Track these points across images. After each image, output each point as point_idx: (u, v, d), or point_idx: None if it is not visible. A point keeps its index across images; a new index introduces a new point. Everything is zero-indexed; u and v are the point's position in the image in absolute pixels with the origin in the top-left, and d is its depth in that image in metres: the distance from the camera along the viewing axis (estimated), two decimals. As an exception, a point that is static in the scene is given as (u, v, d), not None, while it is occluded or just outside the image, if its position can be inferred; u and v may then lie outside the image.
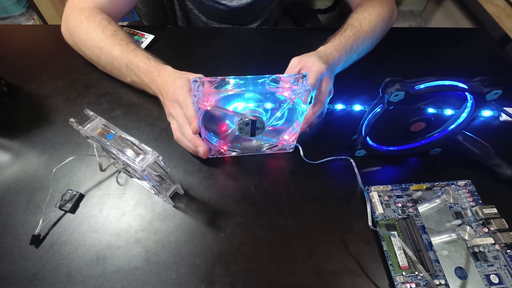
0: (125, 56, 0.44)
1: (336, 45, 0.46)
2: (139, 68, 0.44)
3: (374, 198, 0.38)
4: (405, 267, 0.33)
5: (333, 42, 0.47)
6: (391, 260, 0.34)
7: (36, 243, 0.35)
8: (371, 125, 0.37)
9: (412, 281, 0.32)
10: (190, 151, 0.41)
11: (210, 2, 0.62)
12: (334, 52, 0.45)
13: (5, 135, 0.44)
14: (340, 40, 0.47)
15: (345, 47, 0.47)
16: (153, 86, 0.43)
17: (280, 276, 0.33)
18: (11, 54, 0.55)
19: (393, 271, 0.33)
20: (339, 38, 0.47)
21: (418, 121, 0.37)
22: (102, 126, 0.33)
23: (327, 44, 0.46)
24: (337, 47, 0.46)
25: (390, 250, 0.34)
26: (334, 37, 0.48)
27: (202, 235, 0.36)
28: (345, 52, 0.47)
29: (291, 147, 0.42)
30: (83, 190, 0.39)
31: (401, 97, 0.32)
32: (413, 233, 0.35)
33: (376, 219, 0.36)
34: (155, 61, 0.44)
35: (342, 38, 0.47)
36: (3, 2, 1.23)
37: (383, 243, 0.35)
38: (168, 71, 0.42)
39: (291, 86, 0.32)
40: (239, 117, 0.34)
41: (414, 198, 0.38)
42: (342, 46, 0.46)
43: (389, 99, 0.32)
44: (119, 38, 0.46)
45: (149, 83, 0.44)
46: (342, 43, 0.47)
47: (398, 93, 0.32)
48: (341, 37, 0.47)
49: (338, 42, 0.46)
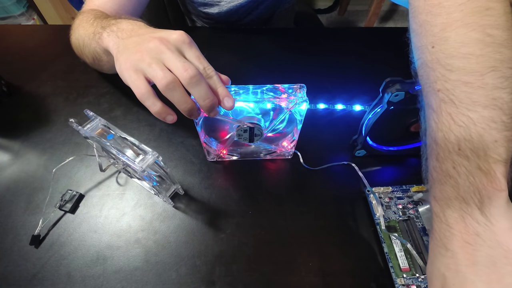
0: (92, 28, 0.38)
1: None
2: (101, 26, 0.36)
3: (374, 201, 0.38)
4: (406, 269, 0.33)
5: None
6: (392, 262, 0.33)
7: (36, 244, 0.35)
8: (371, 125, 0.37)
9: (413, 283, 0.32)
10: (182, 107, 0.29)
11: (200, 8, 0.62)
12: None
13: (5, 135, 0.44)
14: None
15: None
16: (109, 28, 0.34)
17: (280, 277, 0.33)
18: (11, 54, 0.55)
19: (394, 273, 0.33)
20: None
21: (418, 121, 0.37)
22: (102, 127, 0.33)
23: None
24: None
25: (391, 252, 0.34)
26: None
27: (202, 235, 0.36)
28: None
29: (290, 153, 0.42)
30: (83, 190, 0.39)
31: (401, 97, 0.32)
32: (414, 235, 0.35)
33: (377, 221, 0.36)
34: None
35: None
36: (3, 2, 1.23)
37: (384, 244, 0.35)
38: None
39: (289, 96, 0.32)
40: (237, 124, 0.34)
41: (415, 200, 0.38)
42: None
43: (389, 99, 0.32)
44: (96, 21, 0.39)
45: (106, 26, 0.35)
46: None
47: (398, 93, 0.31)
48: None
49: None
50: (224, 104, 0.29)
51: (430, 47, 0.27)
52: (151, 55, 0.28)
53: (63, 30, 0.48)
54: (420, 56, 0.28)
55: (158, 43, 0.28)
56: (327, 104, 0.48)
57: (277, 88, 0.32)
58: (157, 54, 0.28)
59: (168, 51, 0.28)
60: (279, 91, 0.32)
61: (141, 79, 0.28)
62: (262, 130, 0.35)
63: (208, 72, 0.29)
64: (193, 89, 0.28)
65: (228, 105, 0.29)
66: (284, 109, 0.33)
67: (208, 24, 0.68)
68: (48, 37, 0.59)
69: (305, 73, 0.53)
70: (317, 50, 0.58)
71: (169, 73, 0.27)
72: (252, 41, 0.59)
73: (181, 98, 0.28)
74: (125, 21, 0.34)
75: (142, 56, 0.28)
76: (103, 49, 0.36)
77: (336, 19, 1.76)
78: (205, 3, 0.61)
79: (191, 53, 0.29)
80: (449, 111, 0.25)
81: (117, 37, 0.33)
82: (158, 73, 0.27)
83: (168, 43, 0.28)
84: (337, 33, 0.63)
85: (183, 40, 0.29)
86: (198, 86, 0.28)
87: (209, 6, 0.61)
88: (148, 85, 0.28)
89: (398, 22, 1.74)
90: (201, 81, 0.28)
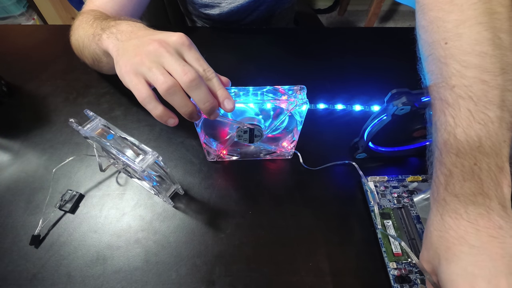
0: (92, 29, 0.38)
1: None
2: (100, 27, 0.36)
3: (369, 188, 0.38)
4: (398, 254, 0.34)
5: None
6: (385, 247, 0.34)
7: (36, 244, 0.35)
8: (375, 132, 0.37)
9: (405, 268, 0.33)
10: (183, 111, 0.29)
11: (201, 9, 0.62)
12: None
13: (5, 135, 0.44)
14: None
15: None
16: (108, 30, 0.34)
17: (280, 276, 0.33)
18: (11, 54, 0.55)
19: (386, 258, 0.34)
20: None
21: (423, 128, 0.36)
22: (102, 127, 0.33)
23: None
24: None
25: (384, 237, 0.35)
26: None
27: (202, 235, 0.36)
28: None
29: (290, 154, 0.42)
30: (83, 190, 0.39)
31: (407, 111, 0.32)
32: (408, 222, 0.36)
33: (371, 208, 0.37)
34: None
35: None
36: (3, 2, 1.23)
37: (378, 230, 0.35)
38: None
39: (289, 98, 0.32)
40: (237, 125, 0.34)
41: (410, 189, 0.39)
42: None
43: (394, 112, 0.32)
44: (95, 23, 0.39)
45: (106, 28, 0.35)
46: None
47: (404, 107, 0.31)
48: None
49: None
50: (224, 106, 0.29)
51: (443, 43, 0.27)
52: (151, 59, 0.28)
53: (63, 30, 0.48)
54: (432, 52, 0.29)
55: (157, 46, 0.28)
56: (327, 104, 0.48)
57: (277, 89, 0.32)
58: (156, 58, 0.28)
59: (167, 54, 0.28)
60: (279, 93, 0.32)
61: (142, 83, 0.28)
62: (262, 131, 0.35)
63: (208, 74, 0.29)
64: (193, 93, 0.28)
65: (228, 107, 0.29)
66: (285, 110, 0.33)
67: (208, 24, 0.68)
68: (48, 37, 0.59)
69: (305, 73, 0.53)
70: (317, 50, 0.58)
71: (169, 77, 0.27)
72: (252, 41, 0.59)
73: (182, 102, 0.28)
74: (124, 23, 0.34)
75: (142, 60, 0.28)
76: (102, 51, 0.36)
77: (336, 19, 1.76)
78: (206, 4, 0.61)
79: (190, 55, 0.29)
80: (468, 107, 0.25)
81: (117, 39, 0.33)
82: (159, 78, 0.27)
83: (167, 45, 0.28)
84: (337, 33, 0.63)
85: (183, 42, 0.29)
86: (198, 90, 0.28)
87: (210, 8, 0.61)
88: (149, 89, 0.28)
89: (398, 22, 1.74)
90: (201, 85, 0.28)
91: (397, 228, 0.36)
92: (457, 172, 0.26)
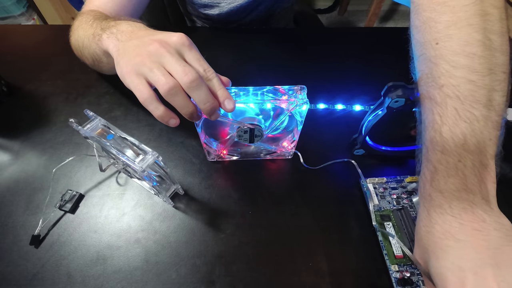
0: (92, 29, 0.38)
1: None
2: (100, 27, 0.36)
3: (368, 190, 0.38)
4: (400, 257, 0.34)
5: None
6: (386, 250, 0.34)
7: (36, 244, 0.35)
8: (371, 127, 0.37)
9: (407, 271, 0.33)
10: (184, 111, 0.29)
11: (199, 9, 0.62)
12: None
13: (5, 135, 0.44)
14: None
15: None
16: (109, 30, 0.34)
17: (280, 276, 0.33)
18: (11, 54, 0.55)
19: (388, 260, 0.33)
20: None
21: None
22: (102, 127, 0.33)
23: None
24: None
25: (385, 239, 0.35)
26: None
27: (202, 235, 0.36)
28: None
29: (290, 154, 0.42)
30: (83, 190, 0.39)
31: (402, 104, 0.32)
32: (408, 224, 0.36)
33: (370, 210, 0.37)
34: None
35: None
36: (3, 2, 1.23)
37: (378, 233, 0.35)
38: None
39: (289, 98, 0.32)
40: (237, 125, 0.34)
41: (408, 190, 0.39)
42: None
43: (389, 104, 0.32)
44: (95, 23, 0.38)
45: (106, 28, 0.35)
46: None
47: (398, 99, 0.31)
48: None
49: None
50: (224, 106, 0.29)
51: (434, 43, 0.28)
52: (152, 59, 0.28)
53: (63, 30, 0.48)
54: (423, 52, 0.29)
55: (158, 46, 0.28)
56: (327, 104, 0.48)
57: (278, 89, 0.32)
58: (157, 58, 0.28)
59: (168, 54, 0.28)
60: (279, 93, 0.32)
61: (143, 83, 0.28)
62: (263, 131, 0.35)
63: (208, 75, 0.29)
64: (193, 93, 0.28)
65: (229, 107, 0.29)
66: (285, 110, 0.33)
67: (207, 24, 0.68)
68: (48, 37, 0.59)
69: (305, 73, 0.53)
70: (317, 50, 0.58)
71: (170, 78, 0.27)
72: (252, 41, 0.59)
73: (183, 102, 0.28)
74: (124, 23, 0.34)
75: (143, 60, 0.28)
76: (103, 51, 0.36)
77: (336, 19, 1.76)
78: (205, 4, 0.61)
79: (191, 56, 0.29)
80: (455, 106, 0.26)
81: (117, 39, 0.32)
82: (160, 78, 0.27)
83: (168, 46, 0.28)
84: (337, 33, 0.63)
85: (183, 42, 0.29)
86: (199, 90, 0.27)
87: (209, 8, 0.61)
88: (150, 89, 0.28)
89: (398, 22, 1.74)
90: (201, 85, 0.28)
91: (397, 230, 0.36)
92: (442, 168, 0.26)
